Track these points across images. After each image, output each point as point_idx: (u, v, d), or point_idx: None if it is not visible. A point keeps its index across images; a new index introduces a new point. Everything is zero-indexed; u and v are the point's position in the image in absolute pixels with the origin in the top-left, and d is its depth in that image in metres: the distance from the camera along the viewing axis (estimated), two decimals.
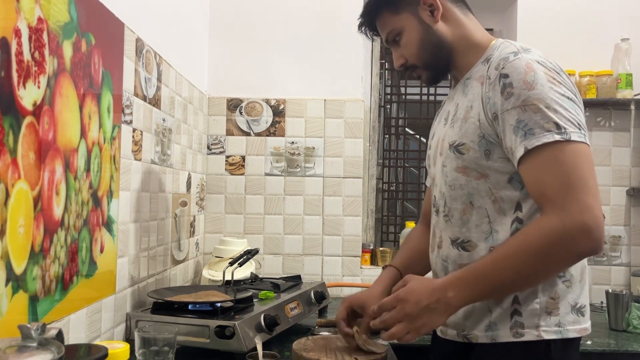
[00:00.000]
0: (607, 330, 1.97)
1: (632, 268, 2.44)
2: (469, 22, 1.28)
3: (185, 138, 2.10)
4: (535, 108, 1.07)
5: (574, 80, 2.40)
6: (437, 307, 1.08)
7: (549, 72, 1.11)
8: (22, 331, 0.78)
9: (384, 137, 2.78)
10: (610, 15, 2.47)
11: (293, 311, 1.66)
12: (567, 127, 1.06)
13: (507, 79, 1.11)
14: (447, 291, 1.09)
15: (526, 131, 1.07)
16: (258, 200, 2.45)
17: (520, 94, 1.09)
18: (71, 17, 1.17)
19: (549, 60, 1.14)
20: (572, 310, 1.15)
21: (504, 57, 1.15)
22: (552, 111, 1.06)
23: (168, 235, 1.89)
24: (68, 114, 1.16)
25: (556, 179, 1.05)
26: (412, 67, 1.30)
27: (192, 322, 1.40)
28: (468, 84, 1.23)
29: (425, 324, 1.09)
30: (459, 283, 1.09)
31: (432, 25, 1.26)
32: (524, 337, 1.13)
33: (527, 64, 1.11)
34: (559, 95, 1.08)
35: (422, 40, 1.26)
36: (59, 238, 1.13)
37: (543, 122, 1.06)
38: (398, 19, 1.28)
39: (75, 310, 1.23)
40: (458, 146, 1.20)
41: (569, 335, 1.14)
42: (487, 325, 1.17)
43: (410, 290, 1.11)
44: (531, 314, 1.14)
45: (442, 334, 1.27)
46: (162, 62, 1.79)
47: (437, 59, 1.28)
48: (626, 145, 2.47)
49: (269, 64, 2.47)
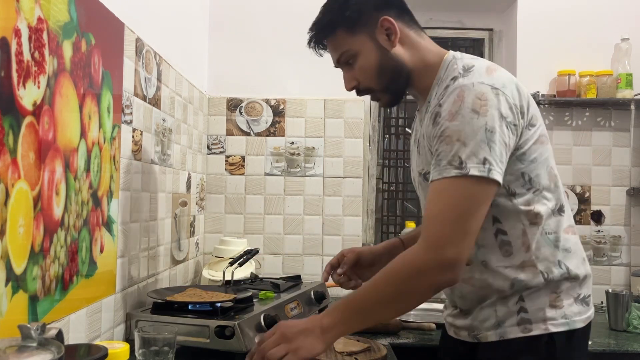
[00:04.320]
0: (607, 330, 1.97)
1: (632, 268, 2.44)
2: (423, 43, 1.27)
3: (185, 138, 2.10)
4: (448, 140, 1.10)
5: (574, 80, 2.40)
6: (312, 331, 1.13)
7: (478, 99, 1.09)
8: (22, 331, 0.78)
9: (384, 137, 2.78)
10: (610, 15, 2.47)
11: (293, 311, 1.66)
12: (469, 162, 1.07)
13: (439, 108, 1.14)
14: (323, 318, 1.14)
15: (437, 162, 1.11)
16: (258, 200, 2.45)
17: (443, 124, 1.12)
18: (71, 17, 1.17)
19: (487, 82, 1.12)
20: (575, 301, 1.19)
21: (446, 84, 1.17)
22: (461, 145, 1.08)
23: (168, 235, 1.89)
24: (68, 114, 1.16)
25: (436, 211, 1.10)
26: (365, 90, 1.28)
27: (192, 322, 1.40)
28: (428, 108, 1.23)
29: (301, 347, 1.12)
30: (332, 309, 1.15)
31: (390, 50, 1.23)
32: (533, 331, 1.17)
33: (459, 92, 1.11)
34: (475, 128, 1.08)
35: (380, 64, 1.24)
36: (59, 238, 1.13)
37: (450, 155, 1.09)
38: (354, 41, 1.24)
39: (75, 310, 1.23)
40: (426, 174, 1.23)
41: (577, 326, 1.18)
42: (496, 323, 1.20)
43: (289, 322, 1.19)
44: (537, 310, 1.17)
45: (455, 335, 1.30)
46: (162, 62, 1.79)
47: (396, 83, 1.26)
48: (626, 145, 2.47)
49: (269, 64, 2.47)
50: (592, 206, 2.47)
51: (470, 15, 2.70)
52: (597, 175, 2.47)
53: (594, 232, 2.47)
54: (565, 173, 2.46)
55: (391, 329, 1.78)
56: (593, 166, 2.47)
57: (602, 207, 2.47)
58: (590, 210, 2.47)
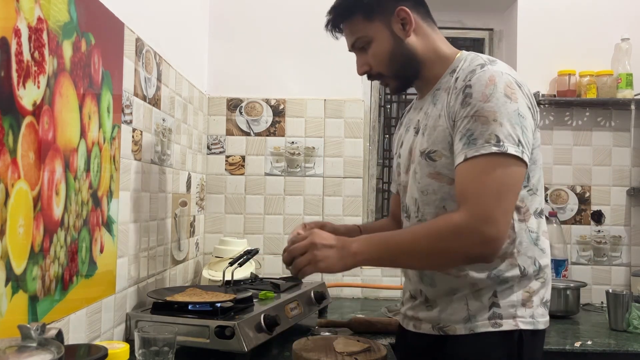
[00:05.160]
0: (607, 330, 1.97)
1: (632, 268, 2.44)
2: (436, 36, 1.33)
3: (185, 138, 2.10)
4: (484, 120, 1.13)
5: (575, 80, 2.40)
6: (340, 251, 1.17)
7: (508, 87, 1.16)
8: (22, 331, 0.78)
9: (384, 137, 2.78)
10: (610, 15, 2.47)
11: (293, 311, 1.66)
12: (506, 142, 1.12)
13: (470, 89, 1.17)
14: (354, 242, 1.19)
15: (470, 140, 1.14)
16: (258, 200, 2.45)
17: (476, 105, 1.15)
18: (71, 17, 1.17)
19: (512, 75, 1.19)
20: (541, 304, 1.24)
21: (472, 69, 1.21)
22: (498, 125, 1.12)
23: (168, 235, 1.89)
24: (68, 114, 1.16)
25: (478, 185, 1.13)
26: (377, 75, 1.34)
27: (192, 322, 1.40)
28: (437, 94, 1.28)
29: (323, 260, 1.17)
30: (365, 240, 1.20)
31: (404, 39, 1.29)
32: (503, 327, 1.20)
33: (490, 76, 1.16)
34: (510, 111, 1.13)
35: (393, 52, 1.29)
36: (59, 238, 1.13)
37: (486, 133, 1.13)
38: (370, 27, 1.29)
39: (75, 310, 1.23)
40: (430, 153, 1.25)
41: (539, 327, 1.23)
42: (467, 317, 1.22)
43: (323, 233, 1.22)
44: (509, 306, 1.20)
45: (415, 328, 1.31)
46: (162, 62, 1.79)
47: (407, 70, 1.32)
48: (626, 145, 2.47)
49: (269, 63, 2.47)
50: (592, 206, 2.47)
51: (470, 15, 2.70)
52: (597, 175, 2.47)
53: (594, 232, 2.47)
54: (565, 173, 2.47)
55: (391, 329, 1.77)
56: (593, 166, 2.47)
57: (603, 207, 2.47)
58: (590, 210, 2.47)
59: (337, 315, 2.04)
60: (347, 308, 2.22)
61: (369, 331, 1.74)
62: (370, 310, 2.18)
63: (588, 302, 2.39)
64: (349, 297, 2.43)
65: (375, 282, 2.43)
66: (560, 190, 2.47)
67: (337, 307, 2.20)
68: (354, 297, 2.44)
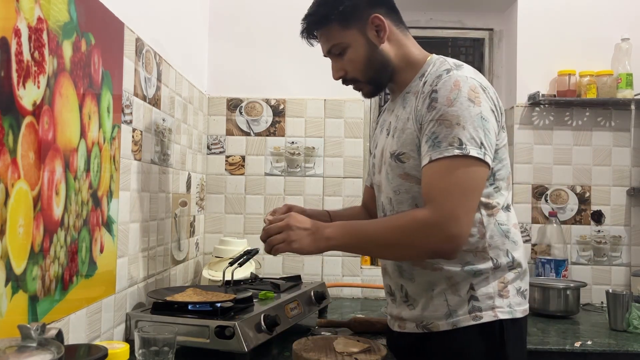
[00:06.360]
0: (607, 330, 1.97)
1: (632, 268, 2.44)
2: (408, 41, 1.37)
3: (185, 138, 2.10)
4: (448, 123, 1.18)
5: (575, 80, 2.40)
6: (313, 234, 1.24)
7: (472, 91, 1.20)
8: (22, 331, 0.78)
9: None
10: (610, 15, 2.47)
11: (293, 311, 1.66)
12: (468, 144, 1.17)
13: (435, 94, 1.22)
14: (327, 228, 1.25)
15: (435, 143, 1.19)
16: (258, 200, 2.45)
17: (441, 109, 1.20)
18: (71, 17, 1.17)
19: (477, 79, 1.24)
20: (517, 293, 1.29)
21: (439, 74, 1.25)
22: (461, 128, 1.17)
23: (168, 235, 1.89)
24: (68, 114, 1.16)
25: (442, 186, 1.18)
26: (351, 80, 1.38)
27: (192, 322, 1.40)
28: (407, 97, 1.33)
29: (297, 241, 1.24)
30: (338, 226, 1.26)
31: (378, 45, 1.33)
32: (483, 319, 1.24)
33: (455, 81, 1.21)
34: (473, 115, 1.18)
35: (368, 58, 1.33)
36: (59, 238, 1.13)
37: (450, 137, 1.18)
38: (346, 34, 1.33)
39: (75, 310, 1.23)
40: (399, 155, 1.30)
41: (517, 315, 1.27)
42: (447, 313, 1.26)
43: (299, 216, 1.28)
44: (486, 297, 1.25)
45: (400, 328, 1.35)
46: (162, 62, 1.79)
47: (381, 76, 1.36)
48: (626, 145, 2.47)
49: (269, 63, 2.47)
50: (592, 206, 2.47)
51: (470, 15, 2.70)
52: (597, 175, 2.47)
53: (594, 232, 2.47)
54: (565, 173, 2.47)
55: None
56: (593, 166, 2.47)
57: (602, 207, 2.47)
58: (590, 210, 2.47)
59: (337, 315, 2.04)
60: (347, 308, 2.22)
61: (369, 331, 1.74)
62: (370, 310, 2.18)
63: (588, 302, 2.39)
64: (349, 297, 2.43)
65: (375, 282, 2.43)
66: (560, 190, 2.47)
67: (337, 307, 2.20)
68: (354, 297, 2.44)
